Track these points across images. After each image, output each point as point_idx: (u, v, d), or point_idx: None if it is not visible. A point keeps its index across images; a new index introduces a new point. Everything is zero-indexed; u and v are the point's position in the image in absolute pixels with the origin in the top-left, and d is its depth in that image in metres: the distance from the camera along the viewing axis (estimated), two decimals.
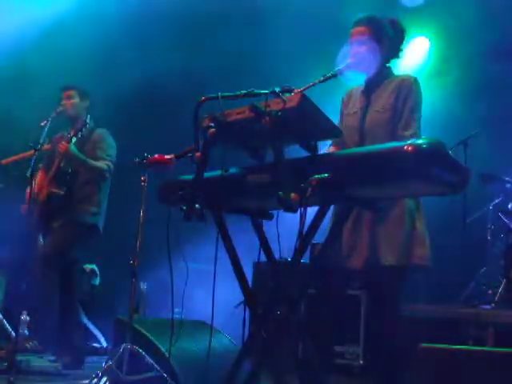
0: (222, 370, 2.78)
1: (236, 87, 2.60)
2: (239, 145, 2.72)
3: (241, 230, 3.26)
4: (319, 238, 2.66)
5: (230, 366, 2.74)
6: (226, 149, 2.69)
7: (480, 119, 5.87)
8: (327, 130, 2.54)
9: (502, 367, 1.99)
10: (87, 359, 4.66)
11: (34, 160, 4.16)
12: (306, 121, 2.46)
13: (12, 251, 5.82)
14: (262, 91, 2.49)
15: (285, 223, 2.68)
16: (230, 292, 3.77)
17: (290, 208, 2.32)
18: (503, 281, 5.22)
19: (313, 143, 2.50)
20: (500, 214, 5.68)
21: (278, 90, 2.42)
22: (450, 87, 6.69)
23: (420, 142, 2.19)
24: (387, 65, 3.23)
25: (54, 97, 4.85)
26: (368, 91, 3.21)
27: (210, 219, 2.76)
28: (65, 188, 4.56)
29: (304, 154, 2.52)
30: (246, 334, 2.82)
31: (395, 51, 3.23)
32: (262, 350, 2.59)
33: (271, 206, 2.75)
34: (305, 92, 2.56)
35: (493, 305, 5.05)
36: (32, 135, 4.33)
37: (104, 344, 5.38)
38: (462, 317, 4.53)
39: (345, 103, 3.33)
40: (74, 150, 4.43)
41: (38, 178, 4.59)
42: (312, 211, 2.52)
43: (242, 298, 2.87)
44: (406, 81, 3.11)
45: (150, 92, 6.30)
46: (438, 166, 2.20)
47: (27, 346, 4.44)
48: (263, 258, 2.81)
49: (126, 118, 6.27)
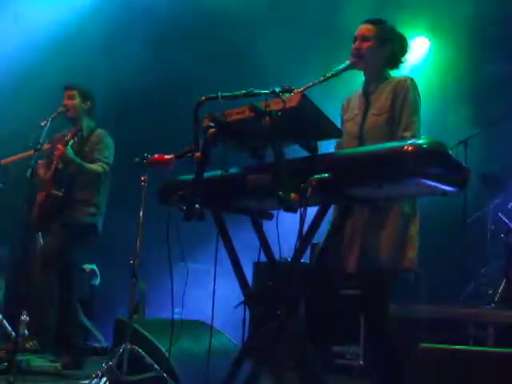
0: (222, 369, 2.78)
1: (236, 87, 2.61)
2: (239, 145, 2.72)
3: (241, 229, 3.27)
4: (319, 238, 2.67)
5: (229, 366, 2.74)
6: (226, 149, 2.69)
7: (480, 119, 5.87)
8: (327, 129, 2.54)
9: (502, 367, 1.99)
10: (87, 359, 4.66)
11: (34, 160, 4.16)
12: (306, 121, 2.46)
13: (12, 251, 5.83)
14: (262, 91, 2.49)
15: (285, 223, 2.67)
16: (229, 291, 3.77)
17: (289, 208, 2.32)
18: (503, 281, 5.22)
19: (313, 143, 2.50)
20: (500, 214, 5.67)
21: (278, 90, 2.42)
22: (449, 87, 6.70)
23: (420, 142, 2.19)
24: (386, 69, 3.21)
25: (55, 96, 4.84)
26: (367, 94, 3.20)
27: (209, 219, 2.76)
28: (63, 189, 4.55)
29: (304, 154, 2.52)
30: (245, 334, 2.82)
31: (396, 61, 3.20)
32: (262, 350, 2.59)
33: (271, 206, 2.75)
34: (305, 92, 2.56)
35: (493, 305, 5.05)
36: (32, 135, 4.33)
37: (104, 344, 5.38)
38: (462, 317, 4.53)
39: (344, 109, 3.32)
40: (70, 153, 4.42)
41: (38, 179, 4.58)
42: (312, 211, 2.52)
43: (240, 297, 2.87)
44: (402, 82, 3.08)
45: (150, 92, 6.31)
46: (438, 166, 2.20)
47: (27, 346, 4.44)
48: (263, 258, 2.81)
49: (127, 117, 6.27)
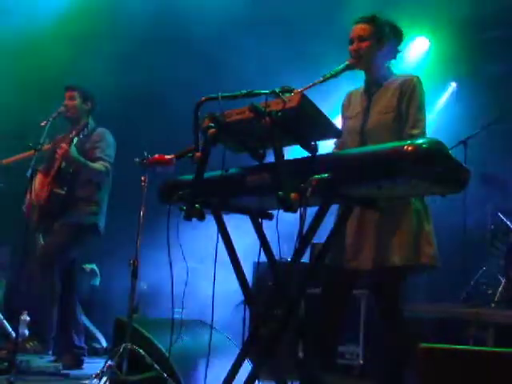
0: (222, 370, 2.78)
1: (236, 87, 2.61)
2: (239, 145, 2.72)
3: (241, 229, 3.26)
4: (319, 238, 2.66)
5: (229, 366, 2.74)
6: (226, 149, 2.69)
7: (480, 119, 5.86)
8: (327, 129, 2.54)
9: (502, 367, 1.99)
10: (87, 359, 4.66)
11: (34, 160, 4.16)
12: (305, 121, 2.46)
13: (12, 251, 5.84)
14: (262, 91, 2.49)
15: (285, 223, 2.67)
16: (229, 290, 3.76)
17: (290, 208, 2.32)
18: (503, 281, 5.22)
19: (313, 143, 2.50)
20: (500, 214, 5.67)
21: (278, 90, 2.42)
22: (449, 87, 6.71)
23: (420, 141, 2.19)
24: (386, 65, 3.22)
25: (56, 96, 4.84)
26: (369, 92, 3.20)
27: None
28: (66, 188, 4.56)
29: (304, 154, 2.52)
30: (245, 334, 2.82)
31: (393, 52, 3.22)
32: (262, 350, 2.59)
33: (271, 206, 2.75)
34: (305, 92, 2.56)
35: (493, 305, 5.04)
36: (32, 135, 4.33)
37: (104, 344, 5.38)
38: (462, 317, 4.53)
39: (345, 106, 3.32)
40: (73, 152, 4.42)
41: (38, 179, 4.58)
42: (312, 211, 2.52)
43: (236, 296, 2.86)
44: (409, 81, 3.09)
45: (150, 92, 6.30)
46: (437, 166, 2.20)
47: (27, 346, 4.44)
48: (263, 258, 2.81)
49: (127, 117, 6.27)
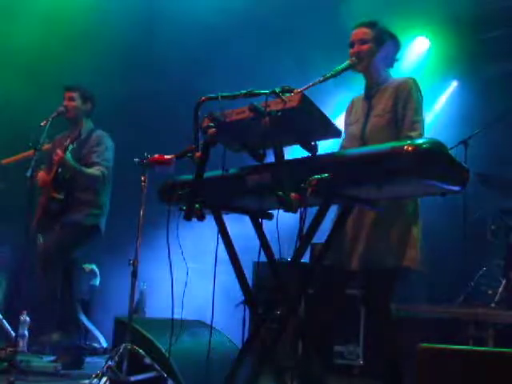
0: (222, 369, 2.79)
1: (236, 88, 2.61)
2: (239, 145, 2.72)
3: (241, 229, 3.27)
4: (319, 238, 2.66)
5: (229, 366, 2.74)
6: (225, 149, 2.69)
7: (480, 119, 5.86)
8: (327, 130, 2.54)
9: (501, 367, 1.99)
10: (87, 359, 4.66)
11: (34, 160, 4.16)
12: (305, 121, 2.46)
13: (12, 251, 5.84)
14: (262, 91, 2.49)
15: (285, 223, 2.67)
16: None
17: (289, 208, 2.32)
18: (503, 281, 5.22)
19: (313, 143, 2.50)
20: (500, 214, 5.67)
21: (278, 90, 2.43)
22: (449, 87, 6.71)
23: (420, 141, 2.19)
24: (385, 69, 3.23)
25: (56, 96, 4.84)
26: (369, 97, 3.21)
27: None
28: (64, 193, 4.55)
29: (304, 154, 2.52)
30: (245, 334, 2.82)
31: (391, 59, 3.24)
32: (262, 350, 2.59)
33: (271, 206, 2.75)
34: (305, 92, 2.56)
35: (493, 305, 5.04)
36: (32, 135, 4.33)
37: (104, 344, 5.37)
38: (462, 317, 4.53)
39: (348, 113, 3.34)
40: (69, 159, 4.43)
41: (40, 179, 4.59)
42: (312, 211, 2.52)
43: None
44: (405, 83, 3.11)
45: (150, 92, 6.30)
46: (437, 166, 2.20)
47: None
48: (263, 257, 2.81)
49: (127, 117, 6.27)
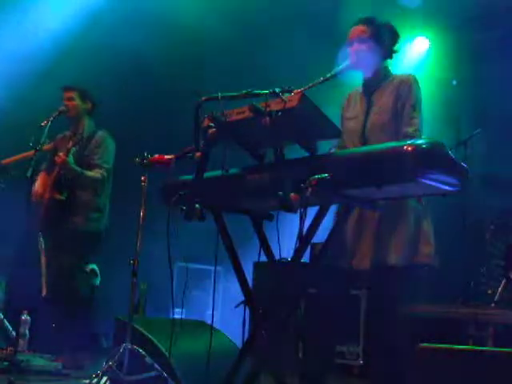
0: (222, 369, 2.78)
1: (236, 88, 2.61)
2: (239, 145, 2.72)
3: (240, 229, 3.26)
4: (319, 237, 2.67)
5: (229, 366, 2.74)
6: (226, 149, 2.69)
7: (480, 119, 5.87)
8: (327, 130, 2.54)
9: (502, 367, 1.99)
10: (87, 359, 4.66)
11: (34, 160, 4.16)
12: (305, 121, 2.46)
13: (13, 251, 5.83)
14: (262, 91, 2.49)
15: (285, 223, 2.67)
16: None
17: (289, 208, 2.32)
18: (503, 281, 5.22)
19: (313, 143, 2.50)
20: (500, 214, 5.67)
21: (278, 90, 2.43)
22: (449, 87, 6.70)
23: (420, 142, 2.20)
24: (384, 65, 3.24)
25: (56, 96, 4.84)
26: (368, 93, 3.21)
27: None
28: (65, 194, 4.56)
29: (304, 154, 2.52)
30: (245, 334, 2.82)
31: (390, 52, 3.24)
32: (262, 350, 2.59)
33: (271, 206, 2.75)
34: (305, 92, 2.56)
35: (493, 305, 5.04)
36: (32, 135, 4.33)
37: (104, 344, 5.37)
38: (462, 317, 4.53)
39: (345, 107, 3.33)
40: (70, 162, 4.45)
41: (41, 179, 4.59)
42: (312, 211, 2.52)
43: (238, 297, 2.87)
44: (406, 80, 3.13)
45: (150, 92, 6.30)
46: (437, 166, 2.21)
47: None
48: (263, 258, 2.81)
49: (127, 117, 6.26)
